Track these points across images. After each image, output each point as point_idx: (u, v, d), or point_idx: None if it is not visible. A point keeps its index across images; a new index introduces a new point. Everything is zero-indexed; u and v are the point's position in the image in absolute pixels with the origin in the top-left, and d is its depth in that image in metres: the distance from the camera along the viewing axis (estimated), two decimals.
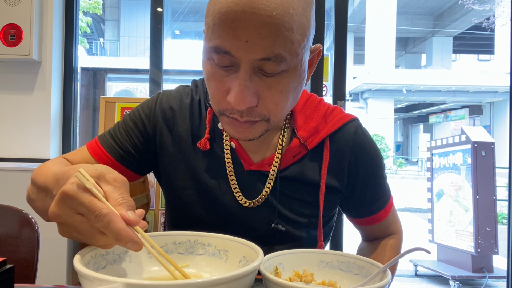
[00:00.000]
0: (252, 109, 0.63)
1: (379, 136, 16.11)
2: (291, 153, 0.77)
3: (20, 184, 1.84)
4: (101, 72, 3.78)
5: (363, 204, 0.84)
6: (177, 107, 0.81)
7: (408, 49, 22.99)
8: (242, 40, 0.58)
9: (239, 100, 0.60)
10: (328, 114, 0.80)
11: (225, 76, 0.63)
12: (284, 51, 0.59)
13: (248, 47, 0.58)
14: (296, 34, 0.60)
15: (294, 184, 0.77)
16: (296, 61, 0.62)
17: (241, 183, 0.77)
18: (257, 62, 0.60)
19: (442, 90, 17.25)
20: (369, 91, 17.49)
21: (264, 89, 0.62)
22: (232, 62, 0.61)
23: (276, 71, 0.61)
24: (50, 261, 1.79)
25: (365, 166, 0.80)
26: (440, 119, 21.28)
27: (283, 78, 0.62)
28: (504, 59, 14.85)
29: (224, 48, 0.59)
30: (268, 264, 0.55)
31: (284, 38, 0.58)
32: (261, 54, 0.58)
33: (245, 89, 0.60)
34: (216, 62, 0.62)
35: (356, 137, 0.80)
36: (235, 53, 0.59)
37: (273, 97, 0.63)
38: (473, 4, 15.61)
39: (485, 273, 3.33)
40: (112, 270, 0.55)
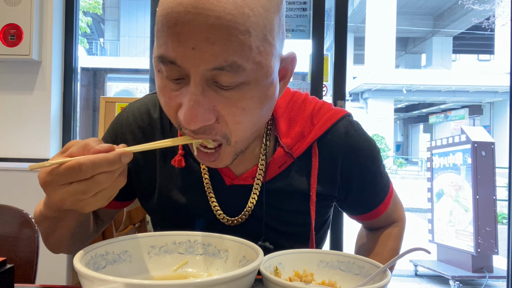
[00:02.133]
0: (209, 129, 0.55)
1: (379, 136, 16.11)
2: (275, 163, 0.69)
3: (20, 184, 1.85)
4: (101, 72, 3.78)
5: (361, 204, 0.78)
6: (146, 124, 0.73)
7: (408, 49, 22.99)
8: (187, 47, 0.49)
9: (189, 118, 0.51)
10: (315, 114, 0.71)
11: (175, 90, 0.54)
12: (241, 59, 0.50)
13: (195, 55, 0.49)
14: (255, 38, 0.50)
15: (281, 196, 0.70)
16: (259, 72, 0.53)
17: (223, 199, 0.69)
18: (208, 73, 0.50)
19: (442, 90, 17.25)
20: (369, 91, 17.49)
21: (222, 105, 0.53)
22: (181, 74, 0.52)
23: (233, 83, 0.51)
24: (50, 261, 1.79)
25: (360, 169, 0.73)
26: (440, 119, 21.28)
27: (244, 92, 0.53)
28: (504, 59, 14.85)
29: (169, 57, 0.51)
30: (268, 264, 0.55)
31: (239, 43, 0.49)
32: (212, 63, 0.49)
33: (196, 105, 0.51)
34: (165, 74, 0.54)
35: (347, 138, 0.71)
36: (182, 63, 0.50)
37: (234, 115, 0.54)
38: (473, 4, 15.61)
39: (485, 273, 3.33)
40: (112, 270, 0.55)
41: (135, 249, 0.59)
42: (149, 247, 0.60)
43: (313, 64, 2.27)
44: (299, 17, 2.29)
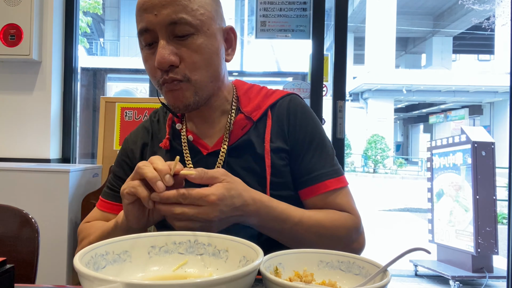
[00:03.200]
0: (175, 69, 0.77)
1: (379, 136, 16.12)
2: (238, 126, 0.86)
3: (20, 184, 1.85)
4: (101, 72, 3.77)
5: (308, 171, 0.85)
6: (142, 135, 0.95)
7: (408, 49, 23.00)
8: (152, 13, 0.75)
9: (160, 59, 0.75)
10: (270, 94, 0.91)
11: (152, 54, 0.78)
12: (187, 15, 0.75)
13: (157, 17, 0.75)
14: (194, 4, 0.76)
15: (243, 154, 0.85)
16: (203, 27, 0.77)
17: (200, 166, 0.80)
18: (168, 28, 0.75)
19: (442, 90, 17.26)
20: (369, 91, 17.49)
21: (182, 52, 0.76)
22: (153, 38, 0.77)
23: (186, 32, 0.76)
24: (50, 261, 1.79)
25: (302, 129, 0.87)
26: (440, 119, 21.29)
27: (195, 40, 0.76)
28: (504, 59, 14.86)
29: (143, 27, 0.77)
30: (268, 264, 0.55)
31: (183, 6, 0.75)
32: (168, 19, 0.74)
33: (163, 50, 0.75)
34: (144, 44, 0.79)
35: (290, 104, 0.89)
36: (151, 26, 0.75)
37: (190, 57, 0.77)
38: (473, 4, 15.61)
39: (485, 273, 3.33)
40: (112, 270, 0.55)
41: (135, 249, 0.59)
42: (149, 247, 0.60)
43: (313, 64, 2.27)
44: (299, 17, 2.29)
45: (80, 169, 1.98)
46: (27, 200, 1.83)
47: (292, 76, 3.31)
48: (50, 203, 1.84)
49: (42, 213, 1.80)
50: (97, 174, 2.17)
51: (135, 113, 2.24)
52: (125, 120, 2.24)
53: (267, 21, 2.30)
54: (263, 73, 4.43)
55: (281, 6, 2.30)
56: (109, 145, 2.22)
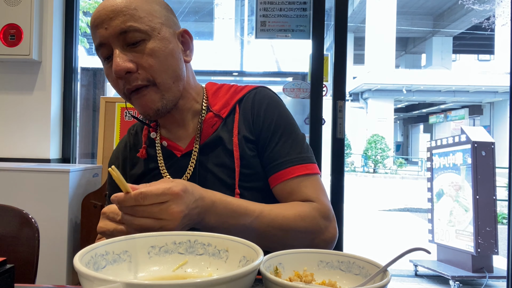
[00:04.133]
0: (135, 75, 0.79)
1: (379, 136, 16.12)
2: (208, 125, 0.88)
3: (20, 184, 1.85)
4: (101, 72, 3.77)
5: (272, 158, 0.85)
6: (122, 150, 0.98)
7: (408, 49, 22.99)
8: (102, 28, 0.78)
9: (115, 67, 0.77)
10: (239, 91, 0.92)
11: (111, 66, 0.79)
12: (135, 23, 0.78)
13: (108, 31, 0.78)
14: (141, 12, 0.79)
15: (214, 151, 0.87)
16: (153, 32, 0.79)
17: (175, 169, 0.88)
18: (120, 38, 0.78)
19: (442, 90, 17.25)
20: (369, 91, 17.49)
21: (137, 58, 0.78)
22: (109, 51, 0.79)
23: (137, 38, 0.78)
24: (50, 261, 1.79)
25: (267, 119, 0.88)
26: (440, 119, 21.29)
27: (148, 45, 0.79)
28: (504, 59, 14.86)
29: (98, 42, 0.79)
30: (268, 264, 0.55)
31: (130, 15, 0.78)
32: (118, 29, 0.77)
33: (118, 58, 0.77)
34: (103, 59, 0.81)
35: (256, 96, 0.91)
36: (104, 40, 0.78)
37: (146, 61, 0.79)
38: (473, 4, 15.61)
39: (485, 273, 3.33)
40: (112, 270, 0.55)
41: (135, 249, 0.59)
42: (149, 247, 0.60)
43: (313, 64, 2.27)
44: (299, 17, 2.29)
45: (80, 169, 1.98)
46: (27, 200, 1.83)
47: (292, 76, 3.31)
48: (50, 203, 1.84)
49: (42, 213, 1.80)
50: (97, 174, 2.17)
51: (135, 113, 2.24)
52: (125, 120, 2.24)
53: (267, 21, 2.30)
54: (263, 73, 4.43)
55: (281, 6, 2.30)
56: (109, 145, 2.22)
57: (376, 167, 16.18)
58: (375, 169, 16.21)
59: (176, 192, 0.63)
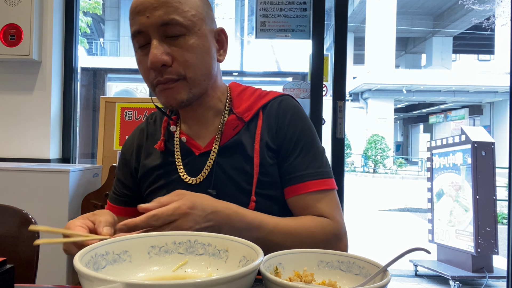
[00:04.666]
0: (168, 68, 0.79)
1: (379, 136, 16.12)
2: (229, 126, 0.87)
3: (20, 184, 1.85)
4: (101, 72, 3.77)
5: (291, 170, 0.86)
6: (137, 137, 0.98)
7: (408, 49, 22.99)
8: (144, 16, 0.77)
9: (152, 58, 0.77)
10: (263, 96, 0.91)
11: (145, 55, 0.80)
12: (178, 17, 0.77)
13: (149, 19, 0.77)
14: (185, 6, 0.78)
15: (233, 154, 0.86)
16: (194, 27, 0.79)
17: (191, 167, 0.88)
18: (160, 29, 0.77)
19: (442, 90, 17.25)
20: (369, 91, 17.48)
21: (174, 51, 0.78)
22: (146, 39, 0.79)
23: (177, 33, 0.78)
24: (50, 261, 1.79)
25: (290, 129, 0.87)
26: (440, 119, 21.28)
27: (187, 40, 0.79)
28: (504, 59, 14.85)
29: (136, 29, 0.79)
30: (268, 264, 0.55)
31: (174, 7, 0.77)
32: (160, 20, 0.76)
33: (155, 50, 0.77)
34: (137, 46, 0.81)
35: (281, 104, 0.90)
36: (143, 28, 0.78)
37: (183, 56, 0.79)
38: (473, 4, 15.61)
39: (485, 273, 3.33)
40: (112, 270, 0.55)
41: (135, 249, 0.59)
42: (149, 247, 0.60)
43: (313, 64, 2.27)
44: (299, 17, 2.29)
45: (80, 169, 1.98)
46: (27, 200, 1.83)
47: (292, 76, 3.31)
48: (50, 203, 1.84)
49: (42, 213, 1.80)
50: (97, 174, 2.17)
51: (135, 113, 2.24)
52: (125, 120, 2.24)
53: (267, 21, 2.30)
54: (263, 73, 4.43)
55: (281, 6, 2.30)
56: (109, 145, 2.22)
57: (376, 167, 16.18)
58: (375, 169, 16.21)
59: (183, 211, 0.65)
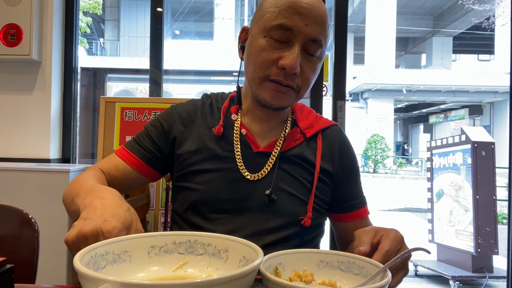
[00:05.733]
0: (293, 77, 0.83)
1: (379, 136, 16.11)
2: (292, 137, 0.93)
3: (20, 184, 1.84)
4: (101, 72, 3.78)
5: (347, 198, 0.96)
6: (191, 110, 0.98)
7: (408, 49, 22.99)
8: (303, 22, 0.81)
9: (293, 63, 0.80)
10: (319, 118, 1.00)
11: (277, 49, 0.82)
12: (324, 39, 0.84)
13: (306, 28, 0.81)
14: (327, 33, 0.86)
15: (293, 164, 0.91)
16: (323, 54, 0.86)
17: (249, 162, 0.90)
18: (307, 41, 0.82)
19: (442, 90, 17.24)
20: (369, 91, 17.48)
21: (304, 65, 0.84)
22: (288, 38, 0.82)
23: (315, 53, 0.84)
24: (50, 261, 1.79)
25: (348, 160, 0.97)
26: (440, 119, 21.28)
27: (316, 61, 0.86)
28: (504, 59, 14.85)
29: (288, 25, 0.81)
30: (268, 264, 0.55)
31: (325, 31, 0.84)
32: (313, 35, 0.82)
33: (297, 57, 0.81)
34: (275, 37, 0.82)
35: (341, 135, 1.00)
36: (295, 28, 0.81)
37: (307, 73, 0.85)
38: (473, 4, 15.61)
39: (485, 273, 3.33)
40: (112, 270, 0.55)
41: (135, 249, 0.59)
42: (149, 247, 0.60)
43: None
44: None
45: (80, 169, 1.98)
46: (27, 200, 1.83)
47: None
48: (50, 203, 1.84)
49: (42, 213, 1.80)
50: None
51: (135, 113, 2.24)
52: (125, 120, 2.24)
53: None
54: None
55: None
56: (109, 145, 2.22)
57: (376, 167, 16.17)
58: (375, 169, 16.21)
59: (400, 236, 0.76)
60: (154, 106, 2.22)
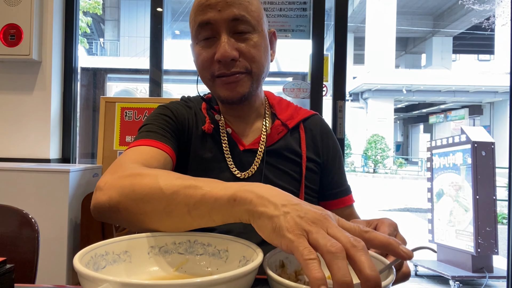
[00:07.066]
0: (235, 63, 0.83)
1: (379, 136, 16.12)
2: (275, 131, 0.94)
3: (20, 184, 1.85)
4: (101, 72, 3.78)
5: (333, 186, 0.98)
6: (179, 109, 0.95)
7: (408, 49, 22.99)
8: (215, 10, 0.81)
9: (224, 52, 0.80)
10: (299, 109, 1.01)
11: (210, 47, 0.83)
12: (247, 15, 0.82)
13: (221, 13, 0.81)
14: (252, 6, 0.84)
15: (280, 157, 0.93)
16: (258, 27, 0.85)
17: (238, 160, 0.91)
18: (230, 24, 0.81)
19: (442, 90, 17.25)
20: (369, 91, 17.48)
21: (241, 46, 0.83)
22: (213, 32, 0.82)
23: (245, 30, 0.83)
24: (50, 261, 1.79)
25: (332, 148, 0.98)
26: (440, 119, 21.28)
27: (252, 37, 0.84)
28: (504, 59, 14.86)
29: (205, 20, 0.81)
30: (273, 259, 0.55)
31: (244, 6, 0.82)
32: (231, 15, 0.81)
33: (226, 44, 0.81)
34: (202, 38, 0.84)
35: (322, 124, 1.01)
36: (213, 21, 0.81)
37: (249, 51, 0.83)
38: (473, 4, 15.61)
39: (485, 273, 3.33)
40: (112, 270, 0.55)
41: (135, 249, 0.59)
42: (149, 247, 0.60)
43: (313, 64, 2.27)
44: (299, 17, 2.29)
45: (80, 169, 1.98)
46: (27, 200, 1.83)
47: (292, 76, 3.31)
48: (50, 203, 1.84)
49: (42, 213, 1.80)
50: (97, 174, 2.17)
51: (135, 113, 2.24)
52: (125, 120, 2.24)
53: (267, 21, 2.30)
54: None
55: (281, 6, 2.30)
56: (109, 145, 2.22)
57: (376, 167, 16.18)
58: (375, 169, 16.21)
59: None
60: (154, 106, 2.22)
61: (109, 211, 0.64)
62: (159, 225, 0.60)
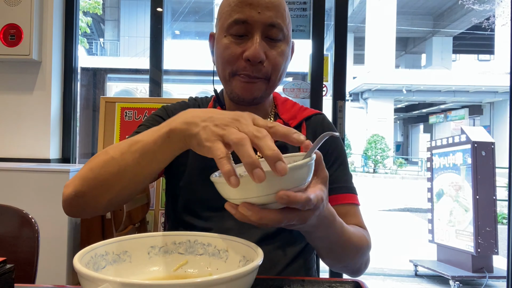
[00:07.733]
0: (260, 67, 0.84)
1: (379, 136, 16.12)
2: None
3: (20, 184, 1.84)
4: (101, 72, 3.78)
5: (335, 180, 0.92)
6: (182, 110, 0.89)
7: (408, 49, 22.99)
8: (256, 11, 0.82)
9: (256, 53, 0.82)
10: (304, 109, 1.01)
11: (239, 44, 0.84)
12: (282, 23, 0.85)
13: (260, 16, 0.82)
14: (287, 16, 0.87)
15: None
16: (287, 36, 0.88)
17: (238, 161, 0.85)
18: (265, 28, 0.83)
19: (442, 90, 17.25)
20: (369, 91, 17.49)
21: (269, 51, 0.85)
22: (247, 31, 0.84)
23: (277, 37, 0.85)
24: (50, 261, 1.79)
25: (333, 145, 0.97)
26: (440, 119, 21.28)
27: (281, 46, 0.87)
28: (504, 59, 14.86)
29: (242, 18, 0.83)
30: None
31: (281, 14, 0.85)
32: (269, 21, 0.83)
33: (259, 46, 0.83)
34: (233, 32, 0.84)
35: (325, 122, 1.01)
36: (250, 20, 0.82)
37: (275, 58, 0.85)
38: (473, 4, 15.62)
39: (485, 273, 3.33)
40: (112, 270, 0.55)
41: (135, 249, 0.59)
42: (149, 247, 0.60)
43: (313, 64, 2.27)
44: (299, 17, 2.29)
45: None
46: (27, 200, 1.83)
47: (292, 76, 3.30)
48: (50, 203, 1.84)
49: (42, 213, 1.80)
50: None
51: (135, 113, 2.24)
52: (125, 120, 2.24)
53: None
54: None
55: None
56: (109, 145, 2.22)
57: (376, 167, 16.17)
58: (375, 169, 16.21)
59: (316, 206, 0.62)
60: (154, 106, 2.22)
61: (76, 198, 0.77)
62: (120, 185, 0.69)
